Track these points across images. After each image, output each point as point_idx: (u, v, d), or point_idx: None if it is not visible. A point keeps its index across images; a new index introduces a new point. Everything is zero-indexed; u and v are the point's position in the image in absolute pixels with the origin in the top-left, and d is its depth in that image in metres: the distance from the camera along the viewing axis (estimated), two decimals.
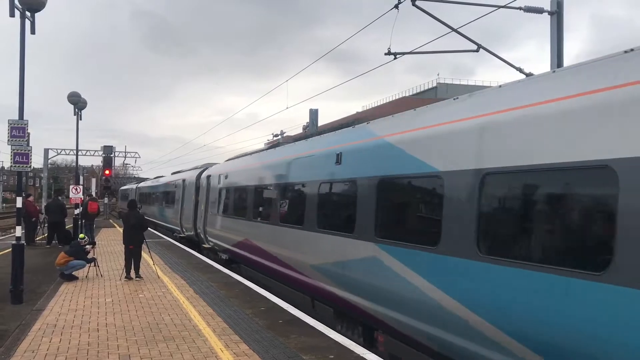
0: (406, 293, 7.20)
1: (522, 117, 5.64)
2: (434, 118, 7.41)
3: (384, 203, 8.18)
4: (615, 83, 4.74)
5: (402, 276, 7.31)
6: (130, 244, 14.14)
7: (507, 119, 5.82)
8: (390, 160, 7.99)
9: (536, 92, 5.71)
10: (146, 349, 7.74)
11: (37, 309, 10.48)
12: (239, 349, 7.74)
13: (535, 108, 5.49)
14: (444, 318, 6.39)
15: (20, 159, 11.62)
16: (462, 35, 12.69)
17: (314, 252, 10.41)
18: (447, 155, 6.68)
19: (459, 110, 6.91)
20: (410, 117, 8.27)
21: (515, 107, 5.79)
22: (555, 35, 13.45)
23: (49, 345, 7.93)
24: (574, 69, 5.59)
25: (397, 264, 7.47)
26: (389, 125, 8.71)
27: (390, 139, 8.16)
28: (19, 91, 11.50)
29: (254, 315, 9.87)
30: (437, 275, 6.62)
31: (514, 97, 6.03)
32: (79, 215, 25.42)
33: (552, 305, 4.99)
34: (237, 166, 18.03)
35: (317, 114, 38.97)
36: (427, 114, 7.83)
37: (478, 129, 6.18)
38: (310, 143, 12.23)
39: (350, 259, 8.90)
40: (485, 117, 6.17)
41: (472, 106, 6.70)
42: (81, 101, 24.20)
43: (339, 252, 9.31)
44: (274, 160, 14.00)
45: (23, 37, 11.48)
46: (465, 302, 6.01)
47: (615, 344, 4.45)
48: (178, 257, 18.99)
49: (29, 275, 12.65)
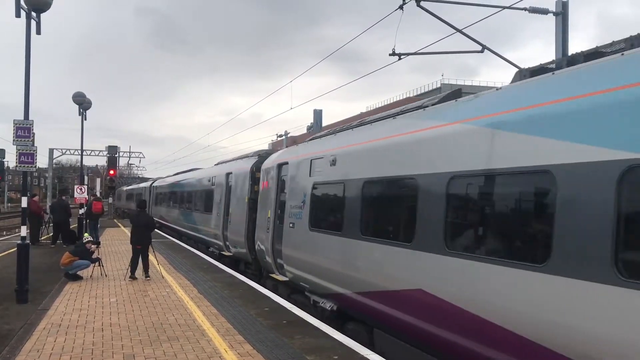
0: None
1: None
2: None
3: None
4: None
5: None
6: (138, 244, 14.18)
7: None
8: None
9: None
10: (150, 349, 7.75)
11: (42, 308, 10.51)
12: (243, 349, 7.74)
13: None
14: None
15: (25, 159, 11.66)
16: (466, 36, 12.67)
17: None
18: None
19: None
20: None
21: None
22: (561, 36, 13.43)
23: (53, 344, 7.95)
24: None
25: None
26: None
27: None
28: (24, 91, 11.54)
29: (258, 315, 9.88)
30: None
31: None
32: (83, 215, 25.52)
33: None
34: (354, 141, 9.87)
35: (321, 114, 38.96)
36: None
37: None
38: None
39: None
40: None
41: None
42: (86, 101, 24.28)
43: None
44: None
45: (29, 37, 11.53)
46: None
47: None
48: (182, 257, 19.01)
49: (33, 275, 12.68)
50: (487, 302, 5.91)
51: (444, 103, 8.07)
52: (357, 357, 7.38)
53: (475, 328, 6.05)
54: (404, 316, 7.42)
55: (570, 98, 5.34)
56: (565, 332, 5.00)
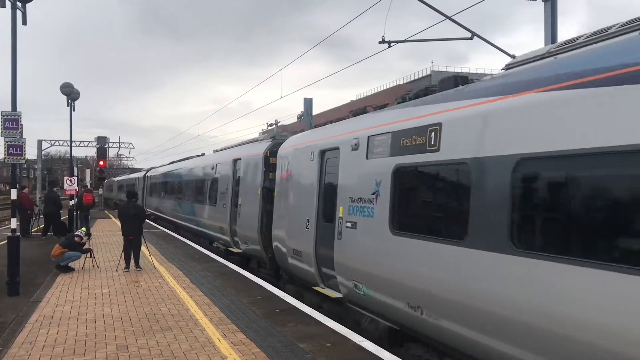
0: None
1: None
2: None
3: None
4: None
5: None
6: (130, 234, 14.14)
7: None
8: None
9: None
10: (144, 339, 7.77)
11: (34, 300, 10.48)
12: (236, 338, 7.78)
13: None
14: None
15: (14, 151, 11.57)
16: (456, 23, 12.68)
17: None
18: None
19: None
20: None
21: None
22: (550, 22, 13.45)
23: (46, 336, 7.95)
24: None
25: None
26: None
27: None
28: (11, 83, 11.43)
29: (251, 304, 9.92)
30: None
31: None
32: (74, 207, 25.40)
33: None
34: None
35: (311, 103, 38.87)
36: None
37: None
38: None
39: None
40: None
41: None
42: (74, 92, 24.07)
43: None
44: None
45: (14, 28, 11.40)
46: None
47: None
48: (174, 248, 19.01)
49: (25, 267, 12.64)
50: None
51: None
52: (349, 343, 7.45)
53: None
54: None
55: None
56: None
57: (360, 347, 7.31)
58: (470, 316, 6.07)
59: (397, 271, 7.59)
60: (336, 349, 7.23)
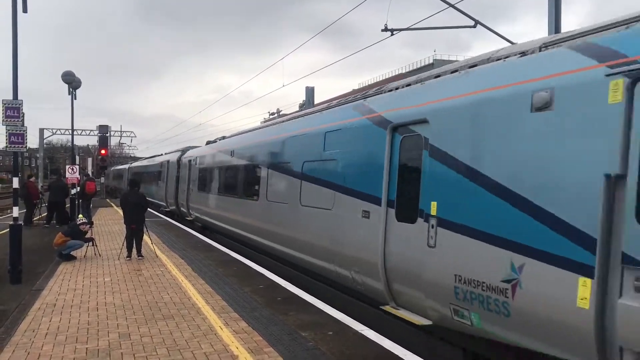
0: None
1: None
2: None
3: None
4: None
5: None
6: (132, 223, 14.16)
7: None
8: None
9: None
10: (146, 328, 7.79)
11: (36, 289, 10.51)
12: (238, 326, 7.80)
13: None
14: None
15: (15, 140, 11.57)
16: (459, 11, 12.59)
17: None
18: None
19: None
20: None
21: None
22: (553, 11, 13.33)
23: (49, 324, 7.98)
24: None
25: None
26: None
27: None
28: (12, 71, 11.40)
29: (253, 292, 9.94)
30: None
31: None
32: (75, 195, 25.42)
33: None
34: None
35: (313, 91, 38.79)
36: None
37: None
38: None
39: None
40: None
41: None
42: (75, 80, 24.00)
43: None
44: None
45: (15, 15, 11.35)
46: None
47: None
48: (175, 236, 19.04)
49: (27, 256, 12.68)
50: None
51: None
52: (351, 332, 7.46)
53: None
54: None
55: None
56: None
57: (362, 335, 7.32)
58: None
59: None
60: (338, 337, 7.25)
